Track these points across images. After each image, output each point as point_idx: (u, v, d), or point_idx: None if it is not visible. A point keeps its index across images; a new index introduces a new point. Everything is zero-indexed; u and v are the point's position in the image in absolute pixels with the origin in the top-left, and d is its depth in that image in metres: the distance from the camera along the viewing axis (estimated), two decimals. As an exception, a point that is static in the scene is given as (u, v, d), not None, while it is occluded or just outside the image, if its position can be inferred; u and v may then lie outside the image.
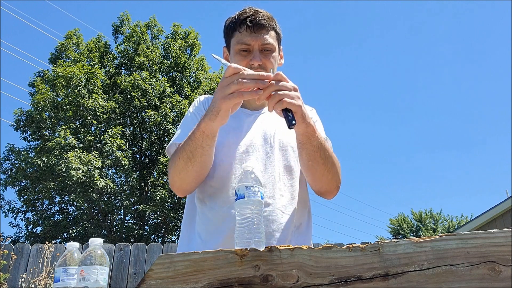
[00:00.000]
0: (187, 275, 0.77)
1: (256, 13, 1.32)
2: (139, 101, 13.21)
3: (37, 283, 4.26)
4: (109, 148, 11.96)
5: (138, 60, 14.22)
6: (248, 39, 1.30)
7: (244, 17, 1.31)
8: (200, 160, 1.19)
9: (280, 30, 1.40)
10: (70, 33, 14.28)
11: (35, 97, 12.33)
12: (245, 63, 1.29)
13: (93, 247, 1.07)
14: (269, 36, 1.33)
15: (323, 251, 0.79)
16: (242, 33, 1.32)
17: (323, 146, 1.19)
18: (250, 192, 1.02)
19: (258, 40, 1.30)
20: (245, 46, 1.31)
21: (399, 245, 0.78)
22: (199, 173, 1.24)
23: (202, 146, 1.15)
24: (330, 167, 1.22)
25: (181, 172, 1.22)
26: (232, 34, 1.36)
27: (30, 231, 12.85)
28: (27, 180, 12.25)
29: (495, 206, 9.28)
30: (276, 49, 1.36)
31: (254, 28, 1.30)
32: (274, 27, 1.35)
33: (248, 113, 1.41)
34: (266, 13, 1.35)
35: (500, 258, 0.76)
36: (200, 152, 1.17)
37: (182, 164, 1.20)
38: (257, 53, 1.30)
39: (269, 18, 1.34)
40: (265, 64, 1.31)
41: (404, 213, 30.64)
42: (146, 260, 4.65)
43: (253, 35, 1.31)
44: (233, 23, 1.34)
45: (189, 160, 1.19)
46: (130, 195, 12.79)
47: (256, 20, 1.30)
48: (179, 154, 1.21)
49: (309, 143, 1.15)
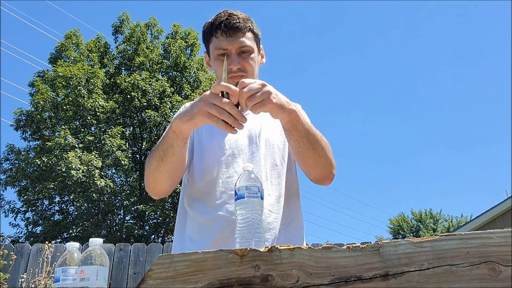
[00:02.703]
0: (187, 275, 0.77)
1: (230, 16, 1.31)
2: (139, 101, 13.21)
3: (37, 283, 4.26)
4: (109, 148, 11.96)
5: (138, 60, 14.22)
6: (224, 44, 1.30)
7: (218, 22, 1.30)
8: (172, 160, 1.19)
9: (258, 30, 1.39)
10: (70, 33, 14.28)
11: (35, 97, 12.34)
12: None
13: (93, 247, 1.07)
14: (246, 38, 1.31)
15: (323, 251, 0.79)
16: (219, 38, 1.31)
17: (310, 131, 1.18)
18: (250, 192, 1.02)
19: (234, 44, 1.30)
20: (223, 51, 1.30)
21: (399, 245, 0.78)
22: (171, 173, 1.24)
23: (172, 146, 1.16)
24: (320, 151, 1.22)
25: (154, 172, 1.23)
26: (209, 40, 1.35)
27: (30, 231, 12.85)
28: (27, 180, 12.25)
29: (495, 206, 9.29)
30: (255, 49, 1.35)
31: (229, 32, 1.29)
32: (250, 28, 1.33)
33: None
34: (241, 15, 1.33)
35: (500, 258, 0.76)
36: (171, 152, 1.17)
37: (155, 164, 1.22)
38: (235, 57, 1.30)
39: (244, 19, 1.32)
40: (244, 66, 1.31)
41: (404, 213, 30.67)
42: (146, 260, 4.65)
43: (229, 39, 1.30)
44: (209, 28, 1.34)
45: (161, 159, 1.20)
46: (130, 195, 12.79)
47: (231, 24, 1.29)
48: (153, 154, 1.23)
49: (295, 130, 1.14)
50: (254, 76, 1.35)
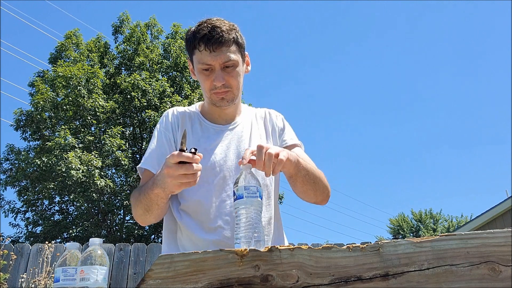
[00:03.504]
0: (187, 275, 0.77)
1: (213, 29, 1.25)
2: (139, 101, 13.21)
3: (37, 283, 4.26)
4: (109, 148, 11.96)
5: (138, 60, 14.22)
6: (208, 59, 1.26)
7: (202, 35, 1.25)
8: (158, 211, 1.25)
9: (243, 38, 1.34)
10: (70, 33, 14.27)
11: (35, 97, 12.33)
12: (209, 83, 1.30)
13: (93, 247, 1.07)
14: (230, 52, 1.27)
15: (323, 251, 0.79)
16: (202, 52, 1.27)
17: (310, 171, 1.25)
18: (249, 192, 1.02)
19: (218, 59, 1.26)
20: (206, 66, 1.28)
21: (399, 245, 0.78)
22: (159, 215, 1.29)
23: (157, 203, 1.20)
24: (319, 182, 1.29)
25: (141, 217, 1.28)
26: (192, 51, 1.31)
27: (30, 231, 12.84)
28: (27, 180, 12.24)
29: (495, 206, 9.29)
30: (239, 62, 1.32)
31: (212, 46, 1.25)
32: (234, 40, 1.29)
33: (220, 129, 1.41)
34: (225, 25, 1.27)
35: (500, 258, 0.76)
36: (155, 207, 1.22)
37: (140, 212, 1.26)
38: (219, 73, 1.27)
39: (228, 31, 1.27)
40: (228, 81, 1.30)
41: (404, 213, 30.67)
42: (146, 260, 4.65)
43: (213, 54, 1.26)
44: (192, 39, 1.29)
45: (146, 211, 1.24)
46: (130, 195, 12.78)
47: (214, 38, 1.24)
48: (136, 203, 1.26)
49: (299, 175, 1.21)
50: (239, 90, 1.36)
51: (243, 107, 1.51)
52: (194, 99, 13.74)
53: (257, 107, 1.60)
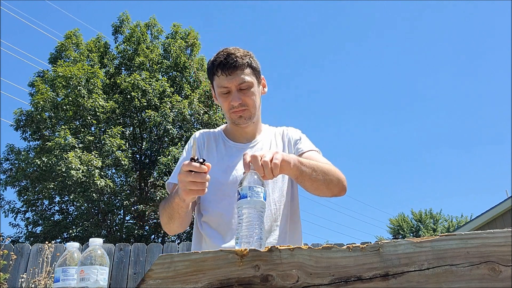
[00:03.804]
0: (187, 275, 0.77)
1: (228, 56, 1.41)
2: (139, 101, 13.21)
3: (37, 283, 4.26)
4: (109, 148, 11.95)
5: (138, 60, 14.22)
6: (225, 83, 1.42)
7: (218, 62, 1.42)
8: (179, 219, 1.36)
9: (257, 63, 1.50)
10: (70, 33, 14.27)
11: (35, 97, 12.33)
12: (227, 104, 1.44)
13: (93, 247, 1.07)
14: (245, 75, 1.42)
15: (323, 251, 0.79)
16: (220, 77, 1.43)
17: (315, 167, 1.29)
18: (253, 192, 1.03)
19: (234, 82, 1.41)
20: (224, 89, 1.43)
21: (399, 245, 0.78)
22: (182, 224, 1.40)
23: (178, 212, 1.32)
24: (330, 176, 1.33)
25: (166, 225, 1.41)
26: (212, 78, 1.48)
27: (30, 231, 12.84)
28: (27, 180, 12.24)
29: (495, 206, 9.28)
30: (254, 83, 1.46)
31: (228, 71, 1.41)
32: (248, 64, 1.44)
33: (241, 147, 1.53)
34: (239, 52, 1.44)
35: (500, 258, 0.76)
36: (177, 215, 1.34)
37: (165, 220, 1.39)
38: (235, 94, 1.42)
39: (242, 57, 1.43)
40: (245, 101, 1.44)
41: (404, 213, 30.68)
42: (146, 260, 4.65)
43: (229, 77, 1.41)
44: (211, 68, 1.46)
45: (170, 219, 1.37)
46: (130, 195, 12.79)
47: (229, 64, 1.40)
48: (163, 212, 1.39)
49: (304, 174, 1.26)
50: (255, 108, 1.49)
51: (263, 126, 1.64)
52: (194, 99, 13.75)
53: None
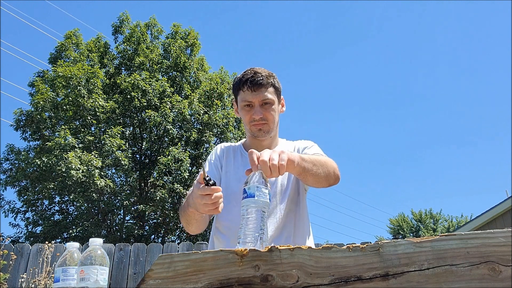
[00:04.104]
0: (187, 275, 0.77)
1: (255, 74, 1.55)
2: (139, 101, 13.20)
3: (37, 283, 4.26)
4: (109, 148, 11.94)
5: (138, 60, 14.21)
6: (249, 97, 1.55)
7: (245, 79, 1.56)
8: (196, 224, 1.48)
9: (279, 84, 1.64)
10: (70, 33, 14.26)
11: (35, 97, 12.32)
12: (249, 116, 1.57)
13: (93, 247, 1.07)
14: (268, 92, 1.56)
15: (323, 251, 0.79)
16: (245, 92, 1.56)
17: (315, 161, 1.36)
18: (260, 192, 1.05)
19: (257, 97, 1.55)
20: (248, 102, 1.56)
21: (399, 245, 0.78)
22: (199, 227, 1.52)
23: (194, 218, 1.43)
24: (329, 169, 1.42)
25: (186, 227, 1.52)
26: (238, 92, 1.61)
27: (30, 231, 12.83)
28: (27, 180, 12.24)
29: (495, 206, 9.28)
30: (275, 101, 1.60)
31: (253, 87, 1.54)
32: (272, 83, 1.58)
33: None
34: (264, 72, 1.58)
35: (500, 258, 0.76)
36: (194, 221, 1.45)
37: (184, 224, 1.50)
38: (258, 108, 1.56)
39: (267, 76, 1.57)
40: (265, 116, 1.57)
41: (404, 213, 30.67)
42: (146, 260, 4.65)
43: (254, 93, 1.55)
44: (238, 83, 1.60)
45: (188, 224, 1.49)
46: (130, 195, 12.78)
47: (256, 81, 1.54)
48: (181, 216, 1.50)
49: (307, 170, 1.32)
50: (274, 123, 1.61)
51: (280, 141, 1.75)
52: (194, 99, 13.75)
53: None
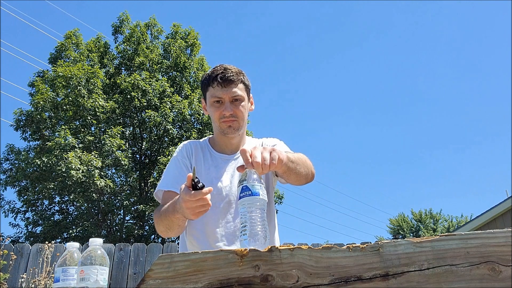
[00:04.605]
0: (187, 275, 0.77)
1: (225, 70, 1.55)
2: (139, 101, 13.21)
3: (37, 283, 4.26)
4: (109, 148, 11.95)
5: (138, 60, 14.22)
6: (219, 93, 1.54)
7: (215, 75, 1.55)
8: (177, 229, 1.44)
9: (249, 82, 1.64)
10: (70, 33, 14.27)
11: (35, 97, 12.33)
12: (218, 113, 1.55)
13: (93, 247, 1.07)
14: (238, 89, 1.56)
15: (323, 251, 0.79)
16: (215, 88, 1.55)
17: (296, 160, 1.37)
18: (262, 191, 1.07)
19: (228, 93, 1.54)
20: (217, 98, 1.55)
21: (399, 245, 0.78)
22: (179, 232, 1.48)
23: (178, 224, 1.39)
24: (307, 167, 1.45)
25: (162, 232, 1.48)
26: (207, 89, 1.59)
27: (30, 231, 12.84)
28: (27, 180, 12.24)
29: (495, 206, 9.28)
30: (245, 98, 1.60)
31: (224, 83, 1.53)
32: (242, 80, 1.58)
33: (226, 159, 1.64)
34: (234, 69, 1.58)
35: (500, 258, 0.76)
36: (176, 226, 1.41)
37: (162, 229, 1.45)
38: (228, 104, 1.55)
39: (237, 73, 1.57)
40: (235, 112, 1.56)
41: (404, 213, 30.68)
42: (146, 260, 4.65)
43: (224, 89, 1.54)
44: (207, 79, 1.58)
45: (168, 229, 1.44)
46: (130, 195, 12.79)
47: (226, 77, 1.53)
48: (159, 222, 1.45)
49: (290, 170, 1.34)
50: (244, 121, 1.60)
51: (247, 138, 1.75)
52: (194, 99, 13.75)
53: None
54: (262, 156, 1.16)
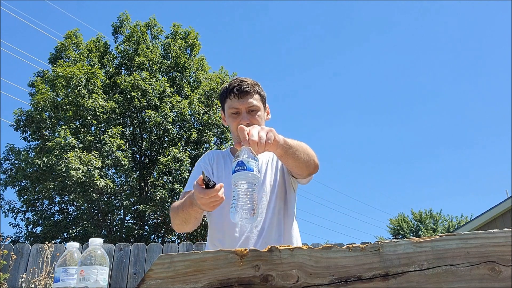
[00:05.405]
0: (187, 275, 0.77)
1: (241, 82, 1.64)
2: (139, 101, 13.21)
3: (37, 283, 4.26)
4: (109, 148, 11.95)
5: (138, 60, 14.22)
6: (236, 104, 1.63)
7: (232, 87, 1.64)
8: (195, 221, 1.51)
9: (264, 92, 1.72)
10: (70, 33, 14.27)
11: (35, 97, 12.33)
12: (236, 123, 1.61)
13: (93, 247, 1.07)
14: (254, 99, 1.64)
15: (323, 251, 0.79)
16: (232, 99, 1.64)
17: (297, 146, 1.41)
18: (249, 166, 1.12)
19: (244, 104, 1.62)
20: (235, 110, 1.64)
21: (399, 245, 0.78)
22: (194, 225, 1.55)
23: (195, 217, 1.48)
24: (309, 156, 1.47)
25: (178, 226, 1.55)
26: (225, 101, 1.68)
27: (30, 231, 12.84)
28: (27, 180, 12.24)
29: (495, 206, 9.28)
30: (261, 108, 1.67)
31: (240, 94, 1.62)
32: (257, 91, 1.66)
33: None
34: (250, 81, 1.66)
35: (500, 258, 0.76)
36: (193, 219, 1.49)
37: (178, 223, 1.53)
38: (244, 114, 1.63)
39: (253, 84, 1.65)
40: (252, 122, 1.61)
41: (404, 213, 30.67)
42: (146, 260, 4.65)
43: (240, 100, 1.63)
44: (225, 92, 1.67)
45: (184, 222, 1.51)
46: (130, 195, 12.78)
47: (242, 88, 1.62)
48: (176, 216, 1.52)
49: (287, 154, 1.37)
50: None
51: None
52: (194, 99, 13.75)
53: None
54: (259, 135, 1.22)
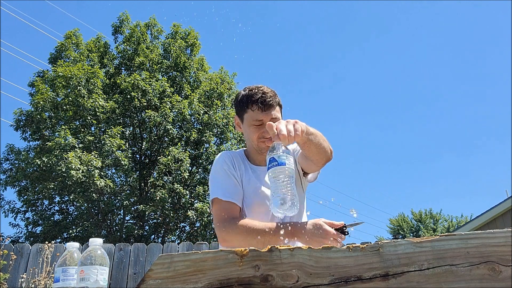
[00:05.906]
0: (187, 275, 0.77)
1: (264, 94, 1.66)
2: (139, 101, 13.20)
3: (37, 283, 4.26)
4: (109, 148, 11.94)
5: (138, 60, 14.21)
6: (260, 116, 1.66)
7: (255, 99, 1.65)
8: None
9: (281, 101, 1.76)
10: (70, 33, 14.26)
11: (35, 97, 12.32)
12: (259, 134, 1.67)
13: (93, 247, 1.07)
14: (275, 111, 1.68)
15: (323, 251, 0.79)
16: (255, 111, 1.66)
17: (319, 135, 1.48)
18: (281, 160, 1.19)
19: (268, 116, 1.65)
20: (258, 122, 1.66)
21: (399, 245, 0.78)
22: None
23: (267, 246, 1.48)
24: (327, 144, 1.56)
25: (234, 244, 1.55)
26: (245, 110, 1.69)
27: (30, 231, 12.84)
28: (27, 180, 12.24)
29: (495, 206, 9.28)
30: (281, 119, 1.71)
31: (264, 107, 1.65)
32: (278, 103, 1.71)
33: (263, 171, 1.75)
34: (271, 92, 1.69)
35: (500, 258, 0.76)
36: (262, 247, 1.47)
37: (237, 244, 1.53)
38: None
39: (274, 96, 1.69)
40: None
41: (404, 213, 30.69)
42: (146, 260, 4.65)
43: (264, 112, 1.66)
44: (245, 101, 1.68)
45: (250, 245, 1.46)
46: (130, 195, 12.78)
47: (266, 102, 1.65)
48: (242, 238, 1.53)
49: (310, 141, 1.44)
50: None
51: None
52: (194, 99, 13.74)
53: None
54: (287, 128, 1.28)
